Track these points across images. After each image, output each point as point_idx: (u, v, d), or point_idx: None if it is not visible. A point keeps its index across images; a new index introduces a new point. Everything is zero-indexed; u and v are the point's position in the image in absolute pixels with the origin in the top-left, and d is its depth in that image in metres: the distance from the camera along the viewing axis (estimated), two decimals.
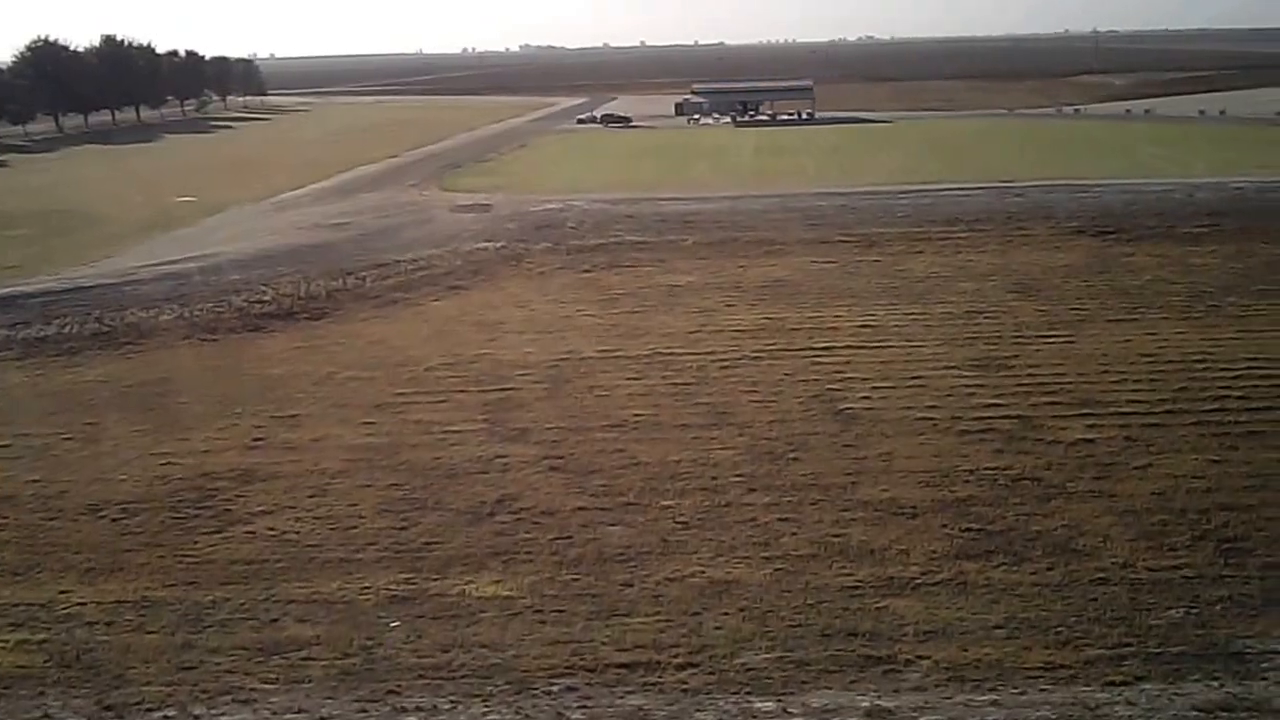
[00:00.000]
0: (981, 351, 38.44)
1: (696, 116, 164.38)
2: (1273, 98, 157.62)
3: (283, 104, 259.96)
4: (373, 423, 33.54)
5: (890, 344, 40.05)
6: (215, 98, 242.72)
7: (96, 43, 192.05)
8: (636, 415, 33.57)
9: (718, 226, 66.33)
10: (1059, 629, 20.73)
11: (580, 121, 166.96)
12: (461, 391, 36.68)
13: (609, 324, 45.00)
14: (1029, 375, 35.67)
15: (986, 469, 28.34)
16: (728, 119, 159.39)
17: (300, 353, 42.38)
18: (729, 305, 47.36)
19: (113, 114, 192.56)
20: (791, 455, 29.90)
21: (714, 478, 28.57)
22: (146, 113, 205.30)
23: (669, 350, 40.54)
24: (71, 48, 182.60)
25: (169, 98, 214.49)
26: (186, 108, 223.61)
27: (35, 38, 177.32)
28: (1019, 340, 39.80)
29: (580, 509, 26.84)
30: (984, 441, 30.17)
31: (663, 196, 78.80)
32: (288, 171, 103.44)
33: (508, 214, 73.75)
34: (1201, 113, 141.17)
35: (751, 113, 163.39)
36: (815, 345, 40.27)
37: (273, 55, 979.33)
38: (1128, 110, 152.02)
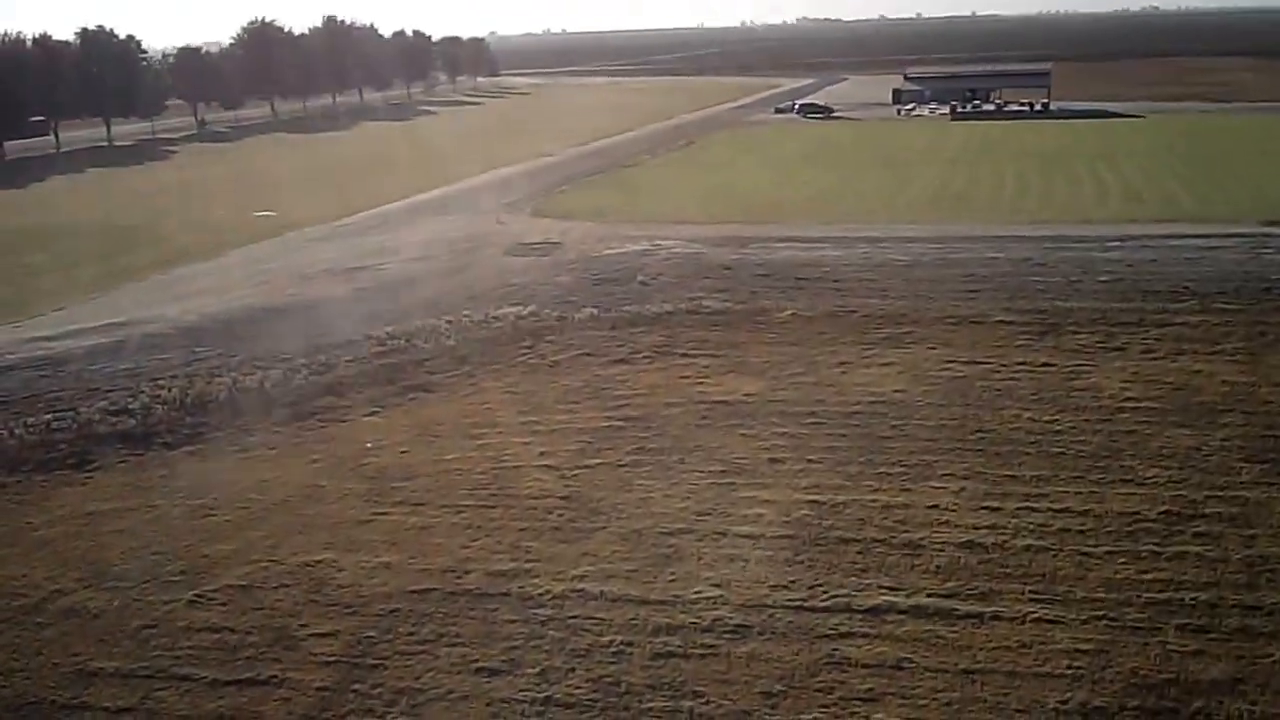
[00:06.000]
0: (1157, 662, 19.19)
1: (911, 106, 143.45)
2: None
3: (512, 85, 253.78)
4: None
5: (995, 611, 21.20)
6: (443, 79, 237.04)
7: (318, 24, 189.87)
8: None
9: (836, 289, 47.46)
10: None
11: (778, 110, 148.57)
12: (195, 679, 20.72)
13: (560, 494, 27.84)
14: None
15: None
16: (945, 109, 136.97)
17: (71, 530, 27.46)
18: (774, 460, 29.35)
19: (333, 97, 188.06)
20: None
21: None
22: (370, 95, 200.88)
23: (602, 586, 23.02)
24: (287, 30, 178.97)
25: (395, 80, 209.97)
26: (413, 90, 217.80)
27: (252, 19, 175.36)
28: (1240, 636, 20.09)
29: None
30: None
31: (786, 235, 59.80)
32: (406, 178, 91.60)
33: (572, 258, 56.80)
34: None
35: (977, 102, 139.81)
36: (858, 604, 21.75)
37: (547, 30, 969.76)
38: None
